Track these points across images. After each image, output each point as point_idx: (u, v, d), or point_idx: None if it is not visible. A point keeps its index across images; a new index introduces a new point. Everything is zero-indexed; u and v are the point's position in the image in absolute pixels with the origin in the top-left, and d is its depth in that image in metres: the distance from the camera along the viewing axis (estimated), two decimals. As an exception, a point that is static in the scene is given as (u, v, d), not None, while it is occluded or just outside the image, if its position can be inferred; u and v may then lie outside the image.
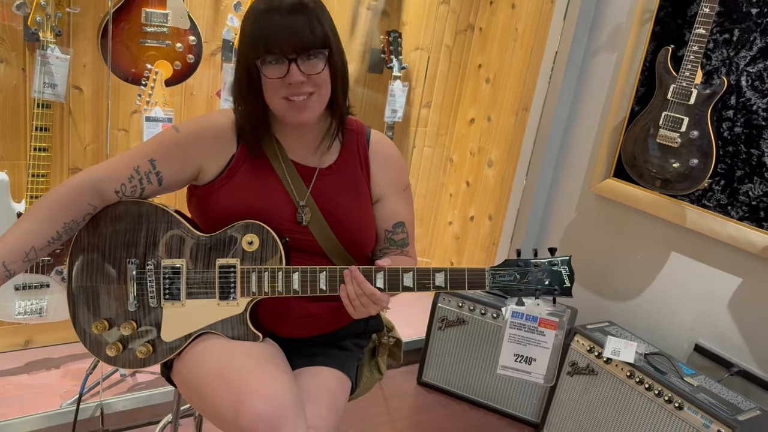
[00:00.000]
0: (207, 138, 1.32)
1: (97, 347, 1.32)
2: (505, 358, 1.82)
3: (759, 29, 1.98)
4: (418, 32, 2.92)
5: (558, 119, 2.59)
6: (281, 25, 1.21)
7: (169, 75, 2.09)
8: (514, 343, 1.84)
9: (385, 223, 1.43)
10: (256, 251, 1.29)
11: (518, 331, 1.86)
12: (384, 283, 1.25)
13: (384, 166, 1.43)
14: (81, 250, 1.31)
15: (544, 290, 1.28)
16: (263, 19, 1.22)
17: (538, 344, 1.79)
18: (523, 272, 1.28)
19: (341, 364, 1.40)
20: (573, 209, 2.60)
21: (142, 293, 1.30)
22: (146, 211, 1.30)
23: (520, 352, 1.80)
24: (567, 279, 1.28)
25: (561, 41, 2.53)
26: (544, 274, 1.28)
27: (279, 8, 1.22)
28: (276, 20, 1.21)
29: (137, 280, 1.30)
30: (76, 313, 1.33)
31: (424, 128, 3.13)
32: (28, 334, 2.33)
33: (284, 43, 1.21)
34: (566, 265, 1.28)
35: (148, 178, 1.30)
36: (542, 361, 1.86)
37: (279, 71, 1.23)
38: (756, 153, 2.01)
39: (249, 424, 1.09)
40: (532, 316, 1.79)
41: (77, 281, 1.31)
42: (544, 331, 1.80)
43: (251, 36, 1.24)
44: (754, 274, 2.05)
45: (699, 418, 1.88)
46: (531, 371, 1.84)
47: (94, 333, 1.32)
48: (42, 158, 1.96)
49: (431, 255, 3.41)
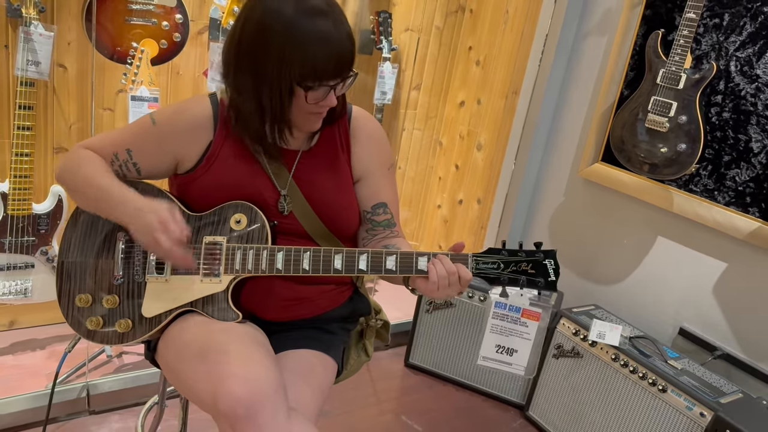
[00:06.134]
0: (182, 129, 1.31)
1: (78, 322, 1.33)
2: (486, 349, 1.80)
3: (749, 14, 1.98)
4: (408, 13, 2.89)
5: (547, 103, 2.59)
6: (331, 54, 1.17)
7: (155, 54, 2.06)
8: (496, 333, 1.82)
9: (365, 204, 1.42)
10: (243, 231, 1.29)
11: (501, 322, 1.85)
12: (367, 266, 1.25)
13: (365, 145, 1.41)
14: (74, 226, 1.34)
15: (527, 282, 1.26)
16: (311, 46, 1.16)
17: (521, 335, 1.78)
18: (507, 261, 1.26)
19: (326, 347, 1.40)
20: (561, 193, 2.61)
21: (128, 268, 1.31)
22: (142, 189, 1.32)
23: (502, 343, 1.79)
24: (552, 273, 1.26)
25: (551, 24, 2.52)
26: (528, 266, 1.26)
27: (326, 35, 1.16)
28: (326, 49, 1.16)
29: (125, 254, 1.31)
30: (62, 287, 1.34)
31: (413, 111, 3.12)
32: (13, 314, 2.32)
33: (333, 73, 1.20)
34: (551, 259, 1.26)
35: (127, 167, 1.32)
36: (524, 353, 1.85)
37: (320, 96, 1.22)
38: (743, 138, 2.01)
39: (227, 408, 1.09)
40: (516, 306, 1.77)
41: (68, 256, 1.33)
42: (527, 322, 1.79)
43: (298, 62, 1.17)
44: (738, 259, 2.07)
45: (682, 401, 1.90)
46: (512, 362, 1.83)
47: (77, 306, 1.32)
48: (26, 137, 1.93)
49: (419, 238, 3.41)
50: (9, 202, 1.96)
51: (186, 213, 1.32)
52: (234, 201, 1.30)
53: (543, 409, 2.35)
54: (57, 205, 2.06)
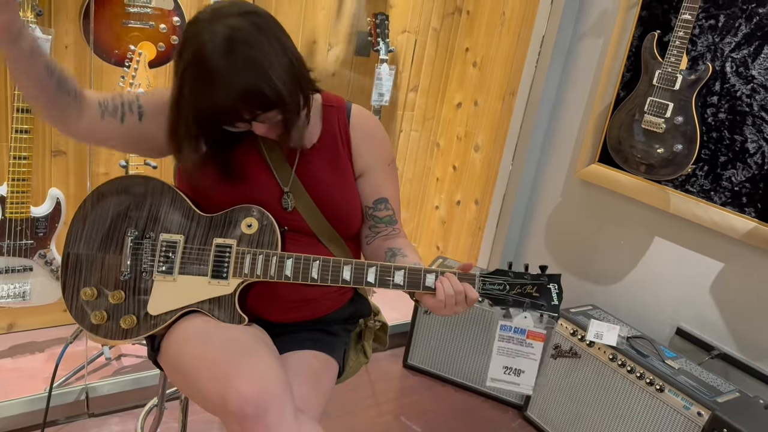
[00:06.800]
0: None
1: (82, 315, 1.32)
2: (495, 371, 1.83)
3: (744, 15, 1.99)
4: (405, 15, 2.90)
5: (544, 104, 2.60)
6: (236, 103, 1.16)
7: (152, 56, 2.06)
8: (503, 355, 1.85)
9: (366, 200, 1.43)
10: (254, 235, 1.29)
11: (507, 344, 1.87)
12: (375, 279, 1.26)
13: (365, 141, 1.42)
14: (83, 218, 1.33)
15: (531, 304, 1.29)
16: (216, 93, 1.15)
17: (527, 356, 1.80)
18: (513, 284, 1.29)
19: (329, 348, 1.41)
20: (558, 194, 2.62)
21: (136, 264, 1.31)
22: (152, 186, 1.32)
23: (509, 365, 1.82)
24: (555, 297, 1.29)
25: (548, 25, 2.53)
26: (533, 289, 1.29)
27: (230, 83, 1.14)
28: (228, 95, 1.16)
29: (133, 250, 1.30)
30: (66, 279, 1.33)
31: (411, 112, 3.12)
32: (12, 317, 2.32)
33: (245, 115, 1.19)
34: (555, 283, 1.29)
35: (130, 107, 1.29)
36: (531, 373, 1.88)
37: (242, 127, 1.24)
38: (739, 139, 2.02)
39: (236, 407, 1.10)
40: (520, 328, 1.80)
41: (74, 248, 1.32)
42: (532, 343, 1.81)
43: (208, 111, 1.18)
44: (735, 259, 2.08)
45: (680, 400, 1.91)
46: (520, 383, 1.86)
47: (81, 299, 1.31)
48: (24, 140, 1.93)
49: (418, 239, 3.42)
50: (7, 205, 1.96)
51: (197, 213, 1.32)
52: (245, 204, 1.31)
53: (541, 410, 2.35)
54: (55, 209, 2.06)
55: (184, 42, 1.18)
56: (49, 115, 1.21)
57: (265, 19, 1.20)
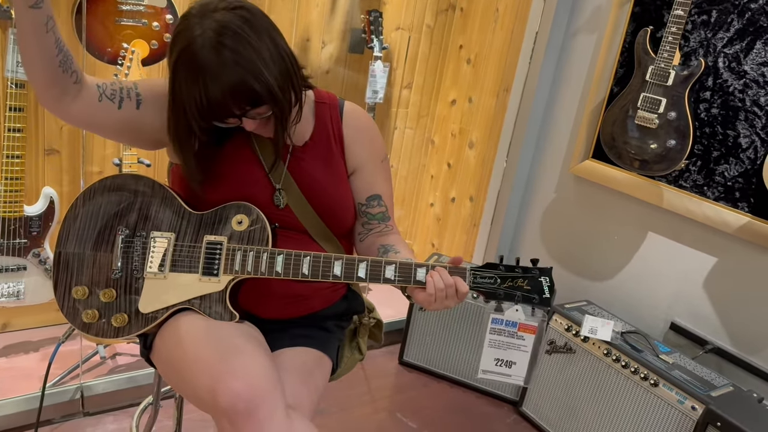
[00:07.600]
0: None
1: (74, 313, 1.32)
2: (486, 363, 1.84)
3: (736, 11, 1.99)
4: (398, 12, 2.90)
5: (538, 100, 2.60)
6: (225, 98, 1.16)
7: (145, 54, 2.05)
8: (494, 348, 1.86)
9: (359, 196, 1.43)
10: (245, 232, 1.29)
11: (498, 336, 1.88)
12: (366, 274, 1.26)
13: (358, 138, 1.42)
14: (74, 217, 1.33)
15: (523, 297, 1.29)
16: (205, 87, 1.15)
17: (518, 348, 1.81)
18: (504, 277, 1.29)
19: (322, 344, 1.40)
20: (552, 190, 2.62)
21: (127, 262, 1.31)
22: (144, 184, 1.32)
23: (501, 357, 1.82)
24: (547, 290, 1.29)
25: (541, 22, 2.53)
26: (525, 282, 1.29)
27: (218, 77, 1.14)
28: (217, 90, 1.16)
29: (124, 248, 1.30)
30: (58, 277, 1.32)
31: (405, 109, 3.12)
32: (6, 317, 2.31)
33: (234, 110, 1.19)
34: (547, 276, 1.29)
35: (129, 93, 1.28)
36: (522, 365, 1.88)
37: (233, 122, 1.24)
38: (732, 134, 2.03)
39: (227, 404, 1.09)
40: (512, 321, 1.81)
41: (65, 247, 1.32)
42: (523, 336, 1.82)
43: (198, 105, 1.17)
44: (728, 253, 2.09)
45: (674, 395, 1.92)
46: (511, 374, 1.87)
47: (73, 298, 1.31)
48: (16, 139, 1.92)
49: (412, 236, 3.42)
50: (0, 204, 1.95)
51: (187, 211, 1.32)
52: (236, 201, 1.30)
53: (536, 405, 2.36)
54: (48, 207, 2.06)
55: (175, 37, 1.18)
56: (48, 94, 1.19)
57: (255, 14, 1.20)
